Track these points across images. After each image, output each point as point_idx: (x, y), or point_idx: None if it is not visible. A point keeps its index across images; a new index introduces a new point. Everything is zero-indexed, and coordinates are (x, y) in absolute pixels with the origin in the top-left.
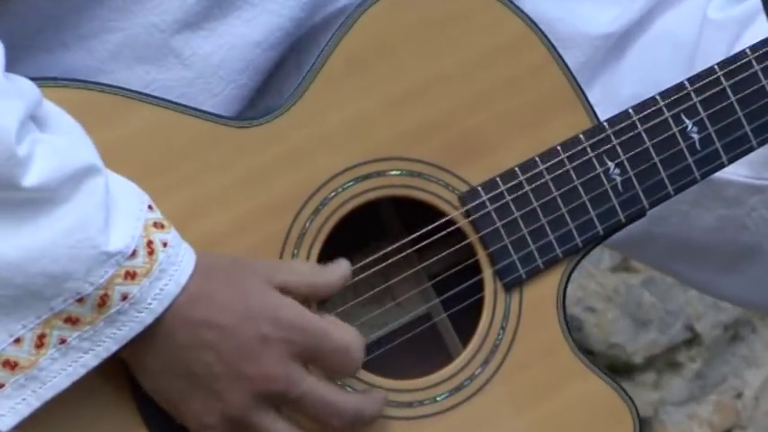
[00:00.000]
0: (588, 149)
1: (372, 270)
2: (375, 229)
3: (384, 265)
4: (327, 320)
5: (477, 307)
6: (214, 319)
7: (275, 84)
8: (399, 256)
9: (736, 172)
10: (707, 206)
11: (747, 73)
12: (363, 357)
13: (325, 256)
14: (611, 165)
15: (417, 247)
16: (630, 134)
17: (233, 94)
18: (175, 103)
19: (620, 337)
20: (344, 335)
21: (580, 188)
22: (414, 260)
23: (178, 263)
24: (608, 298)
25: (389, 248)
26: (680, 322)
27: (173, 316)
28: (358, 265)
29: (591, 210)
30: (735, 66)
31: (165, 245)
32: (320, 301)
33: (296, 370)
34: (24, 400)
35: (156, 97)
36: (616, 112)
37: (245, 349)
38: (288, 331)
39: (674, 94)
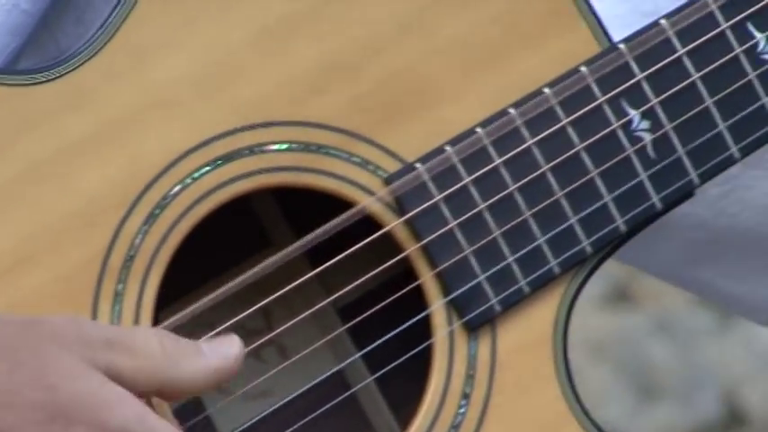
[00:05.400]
0: (595, 90)
1: (246, 310)
2: (247, 243)
3: (265, 300)
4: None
5: (423, 363)
6: None
7: (70, 7)
8: (290, 286)
9: None
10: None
11: None
12: None
13: (169, 292)
14: (633, 114)
15: (318, 268)
16: (668, 60)
17: None
18: None
19: (613, 411)
20: None
21: (585, 156)
22: (315, 290)
23: None
24: (595, 350)
25: (271, 271)
26: (712, 392)
27: None
28: (213, 299)
29: (603, 191)
30: None
31: None
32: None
33: None
34: None
35: None
36: None
37: None
38: None
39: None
